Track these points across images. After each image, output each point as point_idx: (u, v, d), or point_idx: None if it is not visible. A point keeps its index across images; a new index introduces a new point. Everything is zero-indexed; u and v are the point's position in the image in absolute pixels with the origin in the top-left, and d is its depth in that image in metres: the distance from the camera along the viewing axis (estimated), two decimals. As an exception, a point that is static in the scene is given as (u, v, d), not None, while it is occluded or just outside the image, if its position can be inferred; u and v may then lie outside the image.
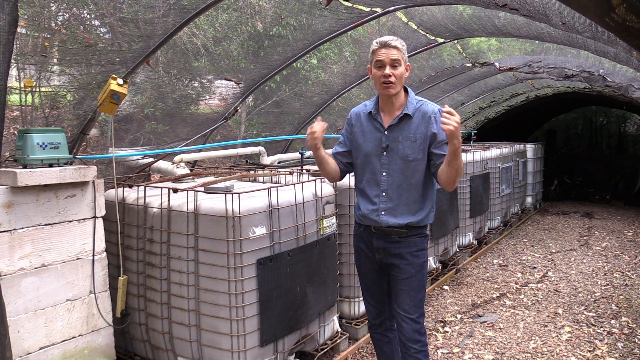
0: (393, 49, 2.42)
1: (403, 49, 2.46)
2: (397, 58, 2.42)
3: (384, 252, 2.57)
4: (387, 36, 2.47)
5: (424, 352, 2.55)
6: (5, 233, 2.39)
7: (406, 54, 2.49)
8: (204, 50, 4.04)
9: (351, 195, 3.73)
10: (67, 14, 3.26)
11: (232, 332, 2.70)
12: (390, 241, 2.54)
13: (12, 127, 3.73)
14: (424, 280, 2.58)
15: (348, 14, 3.68)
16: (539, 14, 2.92)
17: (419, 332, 2.53)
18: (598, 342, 3.86)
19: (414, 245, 2.53)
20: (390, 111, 2.55)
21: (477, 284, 5.27)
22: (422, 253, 2.56)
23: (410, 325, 2.52)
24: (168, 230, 2.88)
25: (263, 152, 4.72)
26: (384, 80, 2.44)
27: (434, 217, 2.62)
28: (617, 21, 1.22)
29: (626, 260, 6.21)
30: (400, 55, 2.44)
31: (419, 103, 2.53)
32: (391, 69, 2.43)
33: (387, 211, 2.52)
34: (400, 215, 2.51)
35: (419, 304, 2.55)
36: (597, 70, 5.52)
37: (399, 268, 2.54)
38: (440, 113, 2.35)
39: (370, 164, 2.57)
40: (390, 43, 2.42)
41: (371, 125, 2.59)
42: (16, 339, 2.41)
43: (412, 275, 2.53)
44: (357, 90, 5.87)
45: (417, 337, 2.53)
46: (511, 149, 7.85)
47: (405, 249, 2.52)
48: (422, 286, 2.58)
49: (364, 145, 2.59)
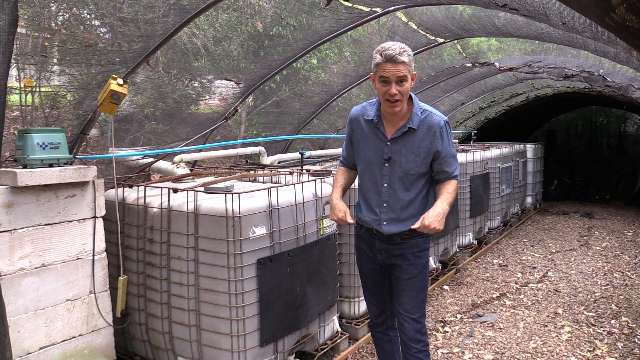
0: (400, 65, 2.25)
1: (410, 60, 2.30)
2: (404, 74, 2.27)
3: (387, 254, 2.56)
4: (393, 46, 2.27)
5: (425, 352, 2.55)
6: (5, 233, 2.39)
7: (413, 64, 2.34)
8: (204, 50, 4.04)
9: (351, 196, 3.73)
10: (67, 14, 3.26)
11: (232, 332, 2.70)
12: (393, 243, 2.53)
13: (12, 127, 3.73)
14: (426, 280, 2.58)
15: (348, 14, 3.67)
16: (539, 14, 2.92)
17: (420, 332, 2.54)
18: (598, 342, 3.86)
19: (416, 246, 2.52)
20: (393, 121, 2.45)
21: (477, 284, 5.27)
22: (424, 253, 2.55)
23: (412, 325, 2.52)
24: (168, 230, 2.88)
25: (263, 152, 4.72)
26: (388, 98, 2.32)
27: None
28: (617, 21, 1.22)
29: (626, 260, 6.21)
30: (407, 70, 2.28)
31: (424, 113, 2.42)
32: (397, 86, 2.29)
33: (388, 221, 2.49)
34: (402, 224, 2.48)
35: (421, 304, 2.55)
36: (597, 70, 5.52)
37: (401, 268, 2.53)
38: (447, 125, 2.41)
39: (371, 172, 2.51)
40: (397, 58, 2.24)
41: (373, 133, 2.50)
42: (16, 339, 2.41)
43: (415, 275, 2.53)
44: (357, 90, 5.87)
45: (419, 337, 2.53)
46: (511, 149, 7.85)
47: (408, 250, 2.52)
48: (424, 286, 2.58)
49: (365, 153, 2.52)
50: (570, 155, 12.99)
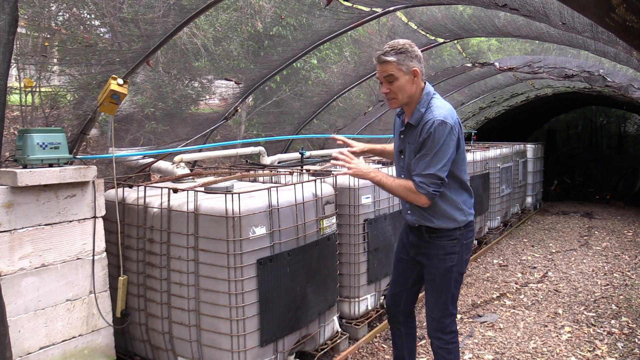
0: (384, 65, 2.37)
1: (399, 58, 2.33)
2: (390, 73, 2.37)
3: (416, 249, 2.63)
4: (385, 46, 2.38)
5: (446, 349, 2.60)
6: (5, 233, 2.39)
7: (408, 60, 2.35)
8: (204, 50, 4.04)
9: (351, 195, 3.73)
10: (67, 14, 3.26)
11: (232, 332, 2.70)
12: (422, 239, 2.59)
13: (12, 127, 3.73)
14: (450, 284, 2.54)
15: (348, 14, 3.67)
16: (539, 14, 2.92)
17: (441, 330, 2.59)
18: (598, 342, 3.86)
19: (442, 248, 2.53)
20: (408, 114, 2.56)
21: (477, 284, 5.27)
22: (449, 257, 2.52)
23: (432, 324, 2.61)
24: (168, 230, 2.88)
25: (263, 152, 4.72)
26: (385, 97, 2.48)
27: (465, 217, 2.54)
28: (617, 21, 1.22)
29: (626, 260, 6.21)
30: (395, 67, 2.34)
31: (427, 110, 2.42)
32: (387, 85, 2.40)
33: (411, 211, 2.60)
34: (420, 217, 2.55)
35: (443, 305, 2.57)
36: (597, 70, 5.52)
37: (425, 267, 2.61)
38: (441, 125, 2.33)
39: (396, 162, 2.67)
40: (381, 58, 2.36)
41: (399, 124, 2.66)
42: (16, 339, 2.41)
43: (435, 277, 2.56)
44: (357, 90, 5.87)
45: (439, 335, 2.60)
46: (511, 149, 7.85)
47: (433, 251, 2.54)
48: (447, 289, 2.55)
49: (395, 142, 2.69)
50: (570, 155, 12.99)
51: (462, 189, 2.55)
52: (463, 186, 2.55)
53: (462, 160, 2.50)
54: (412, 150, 2.47)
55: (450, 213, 2.49)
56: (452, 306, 2.59)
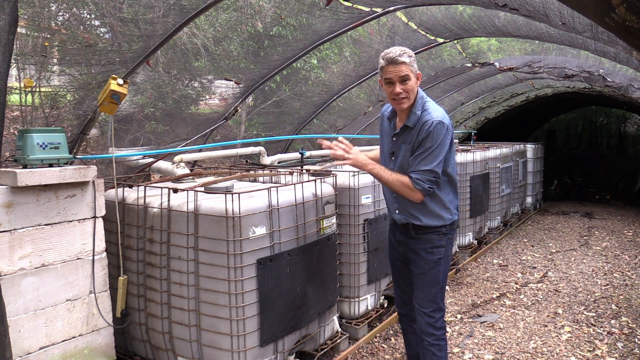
0: (401, 65, 2.44)
1: (411, 60, 2.46)
2: (406, 74, 2.44)
3: (404, 246, 2.71)
4: (394, 49, 2.45)
5: (438, 345, 2.62)
6: (5, 233, 2.39)
7: (415, 64, 2.49)
8: (204, 50, 4.04)
9: (351, 195, 3.73)
10: (67, 14, 3.26)
11: (232, 332, 2.70)
12: (409, 236, 2.66)
13: (12, 127, 3.73)
14: (438, 276, 2.63)
15: (348, 14, 3.67)
16: (539, 14, 2.92)
17: (433, 325, 2.62)
18: (598, 342, 3.86)
19: (429, 242, 2.61)
20: (401, 117, 2.62)
21: (477, 284, 5.27)
22: (437, 250, 2.62)
23: (424, 319, 2.63)
24: (168, 230, 2.88)
25: (263, 152, 4.72)
26: (394, 97, 2.50)
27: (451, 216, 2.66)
28: (617, 21, 1.22)
29: (626, 260, 6.21)
30: (409, 69, 2.45)
31: (423, 113, 2.52)
32: (401, 85, 2.46)
33: (399, 210, 2.68)
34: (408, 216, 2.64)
35: (433, 299, 2.63)
36: (597, 70, 5.51)
37: (414, 262, 2.67)
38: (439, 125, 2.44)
39: (386, 164, 2.70)
40: (398, 60, 2.43)
41: (389, 127, 2.71)
42: (16, 339, 2.41)
43: (425, 271, 2.62)
44: (357, 90, 5.87)
45: (431, 331, 2.62)
46: (511, 149, 7.85)
47: (421, 245, 2.62)
48: (437, 282, 2.63)
49: (384, 145, 2.74)
50: (570, 155, 12.99)
51: (450, 188, 2.65)
52: (452, 183, 2.65)
53: (452, 158, 2.63)
54: (407, 150, 2.55)
55: (437, 212, 2.60)
56: (442, 301, 2.66)
